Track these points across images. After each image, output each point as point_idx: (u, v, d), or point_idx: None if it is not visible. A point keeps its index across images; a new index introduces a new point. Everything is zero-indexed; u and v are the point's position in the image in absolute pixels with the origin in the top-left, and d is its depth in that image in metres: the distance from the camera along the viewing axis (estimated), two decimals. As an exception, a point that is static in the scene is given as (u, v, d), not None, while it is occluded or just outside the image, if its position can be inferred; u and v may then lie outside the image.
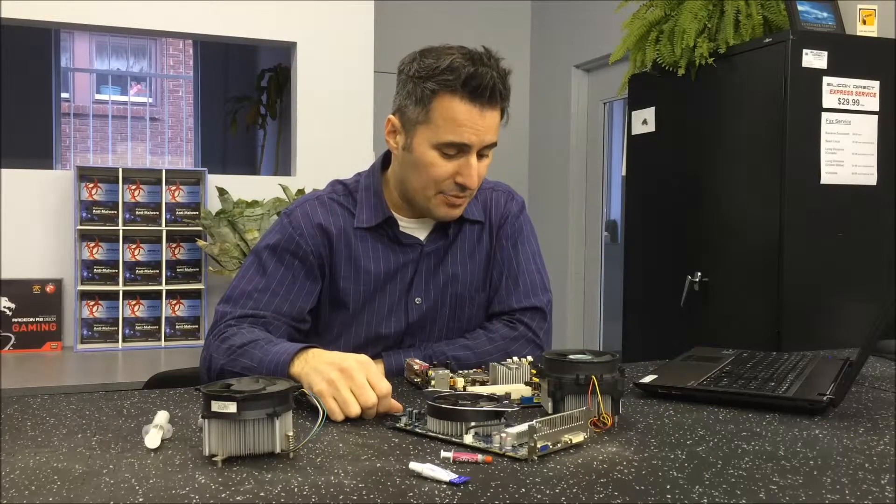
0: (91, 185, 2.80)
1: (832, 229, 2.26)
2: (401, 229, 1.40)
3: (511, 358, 1.20)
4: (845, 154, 2.26)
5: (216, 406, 0.83)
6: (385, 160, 1.45)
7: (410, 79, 1.29)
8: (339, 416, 1.01)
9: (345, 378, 1.03)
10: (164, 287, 2.85)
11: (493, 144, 1.32)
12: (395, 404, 1.03)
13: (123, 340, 2.80)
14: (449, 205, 1.34)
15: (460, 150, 1.28)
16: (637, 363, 1.42)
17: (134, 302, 2.83)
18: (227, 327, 1.29)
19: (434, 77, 1.25)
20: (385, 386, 1.03)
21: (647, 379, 1.19)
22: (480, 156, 1.31)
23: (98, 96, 8.92)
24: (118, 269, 2.80)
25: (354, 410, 1.00)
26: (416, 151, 1.31)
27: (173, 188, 2.89)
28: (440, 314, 1.43)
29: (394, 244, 1.40)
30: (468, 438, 0.89)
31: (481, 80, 1.24)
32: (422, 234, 1.42)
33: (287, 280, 1.35)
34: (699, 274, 2.50)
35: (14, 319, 2.66)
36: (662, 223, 2.74)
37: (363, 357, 1.08)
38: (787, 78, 2.20)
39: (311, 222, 1.38)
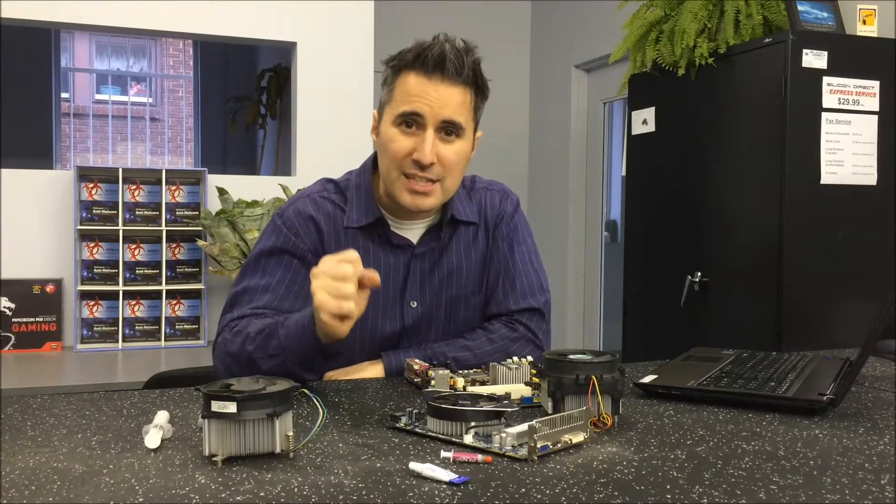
0: (91, 185, 2.80)
1: (832, 229, 2.26)
2: (392, 230, 1.40)
3: (511, 358, 1.20)
4: (845, 154, 2.26)
5: (216, 406, 0.83)
6: (376, 160, 1.44)
7: (384, 66, 1.36)
8: (340, 308, 1.07)
9: (322, 275, 1.08)
10: (164, 287, 2.85)
11: (457, 126, 1.31)
12: (370, 274, 1.09)
13: (123, 340, 2.80)
14: (410, 190, 1.32)
15: (417, 123, 1.30)
16: (637, 363, 1.42)
17: (134, 302, 2.83)
18: (231, 329, 1.28)
19: (396, 58, 1.33)
20: (352, 254, 1.09)
21: (647, 379, 1.19)
22: (445, 137, 1.31)
23: (98, 96, 8.93)
24: (118, 269, 2.80)
25: (348, 290, 1.06)
26: (381, 132, 1.35)
27: (173, 188, 2.89)
28: (436, 317, 1.43)
29: (384, 245, 1.40)
30: (468, 438, 0.89)
31: (430, 51, 1.29)
32: (414, 237, 1.41)
33: (287, 279, 1.34)
34: (699, 274, 2.50)
35: (14, 319, 2.66)
36: (662, 223, 2.74)
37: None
38: (787, 78, 2.20)
39: (304, 219, 1.38)
